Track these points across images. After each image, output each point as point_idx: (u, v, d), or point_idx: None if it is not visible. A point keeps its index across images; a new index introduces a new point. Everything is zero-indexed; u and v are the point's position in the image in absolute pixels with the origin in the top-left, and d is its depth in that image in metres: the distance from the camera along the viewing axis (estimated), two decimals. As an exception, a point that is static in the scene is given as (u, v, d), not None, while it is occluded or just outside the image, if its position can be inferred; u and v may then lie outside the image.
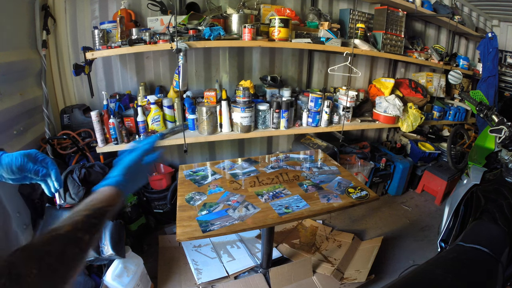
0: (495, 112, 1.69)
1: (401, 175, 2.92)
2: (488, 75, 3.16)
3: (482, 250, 1.09)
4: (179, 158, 2.72)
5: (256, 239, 2.25)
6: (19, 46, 1.87)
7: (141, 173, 0.60)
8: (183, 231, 1.27)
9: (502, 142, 1.58)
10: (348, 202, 1.52)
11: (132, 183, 0.58)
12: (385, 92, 2.81)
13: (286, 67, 2.80)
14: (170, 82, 2.46)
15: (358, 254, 2.15)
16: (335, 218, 2.61)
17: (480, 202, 1.41)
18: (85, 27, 2.17)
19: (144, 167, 0.61)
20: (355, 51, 2.42)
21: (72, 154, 2.03)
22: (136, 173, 0.58)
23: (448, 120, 3.16)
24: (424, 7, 2.86)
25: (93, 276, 1.62)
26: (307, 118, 2.48)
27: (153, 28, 2.11)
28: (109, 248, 1.53)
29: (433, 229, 2.48)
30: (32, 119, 1.97)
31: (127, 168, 0.57)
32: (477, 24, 3.52)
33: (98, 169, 1.79)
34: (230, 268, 1.95)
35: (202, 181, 1.69)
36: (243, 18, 2.17)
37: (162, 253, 2.10)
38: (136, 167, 0.59)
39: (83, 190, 1.65)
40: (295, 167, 1.89)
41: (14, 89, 1.78)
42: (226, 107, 2.19)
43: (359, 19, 2.70)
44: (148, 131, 2.14)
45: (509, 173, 1.54)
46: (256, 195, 1.54)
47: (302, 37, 2.34)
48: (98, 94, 2.22)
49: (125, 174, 0.56)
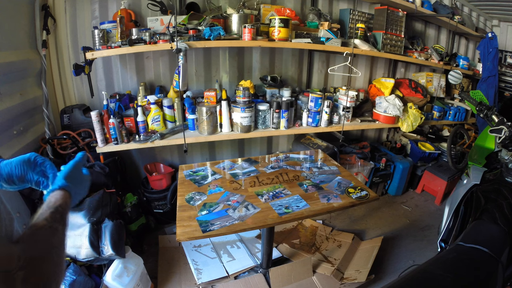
0: (495, 112, 1.69)
1: (401, 175, 2.92)
2: (488, 75, 3.16)
3: (482, 250, 1.09)
4: (179, 158, 2.72)
5: (256, 239, 2.25)
6: (19, 46, 1.87)
7: (80, 177, 0.72)
8: (183, 231, 1.27)
9: (502, 142, 1.58)
10: (348, 202, 1.52)
11: (75, 186, 0.67)
12: (385, 92, 2.81)
13: (286, 67, 2.80)
14: (170, 82, 2.46)
15: (358, 254, 2.15)
16: (335, 218, 2.61)
17: (480, 202, 1.41)
18: (85, 27, 2.17)
19: (83, 174, 0.74)
20: (355, 51, 2.42)
21: (72, 154, 2.03)
22: (76, 177, 0.69)
23: (448, 120, 3.16)
24: (424, 7, 2.86)
25: (93, 276, 1.62)
26: (307, 118, 2.48)
27: (153, 28, 2.11)
28: (109, 248, 1.53)
29: (433, 229, 2.48)
30: (32, 119, 1.97)
31: (67, 174, 0.67)
32: (477, 24, 3.52)
33: (98, 169, 1.79)
34: (230, 268, 1.95)
35: (202, 181, 1.69)
36: (243, 18, 2.17)
37: (162, 253, 2.10)
38: (74, 173, 0.69)
39: (83, 190, 1.65)
40: (295, 167, 1.89)
41: (14, 89, 1.78)
42: (226, 107, 2.19)
43: (359, 19, 2.70)
44: (148, 131, 2.14)
45: (509, 173, 1.54)
46: (256, 195, 1.54)
47: (302, 37, 2.34)
48: (98, 94, 2.23)
49: (66, 178, 0.66)
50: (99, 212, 1.61)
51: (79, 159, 0.75)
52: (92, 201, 1.63)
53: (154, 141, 2.08)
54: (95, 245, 1.53)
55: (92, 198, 1.65)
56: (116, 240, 1.56)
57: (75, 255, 1.53)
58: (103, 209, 1.63)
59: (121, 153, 2.34)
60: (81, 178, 0.72)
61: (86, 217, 1.56)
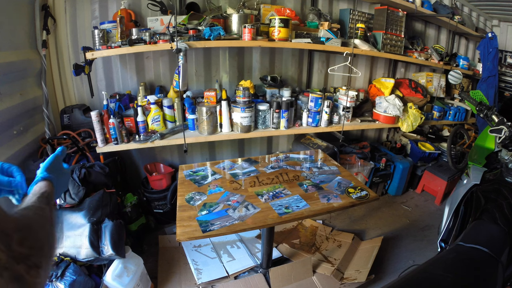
0: (495, 112, 1.69)
1: (401, 175, 2.92)
2: (488, 75, 3.16)
3: (482, 250, 1.09)
4: (179, 158, 2.72)
5: (256, 239, 2.25)
6: (19, 46, 1.87)
7: (61, 169, 0.75)
8: (183, 231, 1.27)
9: (502, 142, 1.58)
10: (348, 202, 1.52)
11: (57, 177, 0.70)
12: (385, 92, 2.81)
13: (286, 67, 2.80)
14: (170, 82, 2.46)
15: (358, 254, 2.15)
16: (335, 218, 2.61)
17: (480, 202, 1.41)
18: (85, 27, 2.17)
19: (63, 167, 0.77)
20: (355, 51, 2.42)
21: (72, 154, 2.03)
22: (57, 169, 0.73)
23: (448, 120, 3.16)
24: (424, 7, 2.86)
25: (93, 276, 1.62)
26: (307, 118, 2.48)
27: (153, 28, 2.11)
28: (109, 248, 1.53)
29: (433, 229, 2.48)
30: (32, 119, 1.97)
31: (48, 166, 0.71)
32: (477, 24, 3.52)
33: (98, 169, 1.79)
34: (230, 268, 1.95)
35: (202, 181, 1.69)
36: (243, 18, 2.16)
37: (162, 253, 2.10)
38: (55, 165, 0.73)
39: (83, 190, 1.65)
40: (295, 167, 1.89)
41: (14, 89, 1.78)
42: (226, 107, 2.19)
43: (359, 19, 2.70)
44: (148, 131, 2.14)
45: (509, 173, 1.54)
46: (256, 195, 1.54)
47: (302, 37, 2.34)
48: (98, 94, 2.22)
49: (47, 170, 0.70)
50: (99, 212, 1.61)
51: (59, 153, 0.78)
52: (92, 201, 1.63)
53: (154, 141, 2.08)
54: (95, 245, 1.53)
55: (92, 198, 1.65)
56: (116, 240, 1.56)
57: (75, 255, 1.53)
58: (103, 209, 1.63)
59: (121, 153, 2.34)
60: (62, 171, 0.75)
61: (86, 217, 1.56)
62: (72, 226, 1.56)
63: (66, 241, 1.55)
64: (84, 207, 1.60)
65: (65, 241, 1.55)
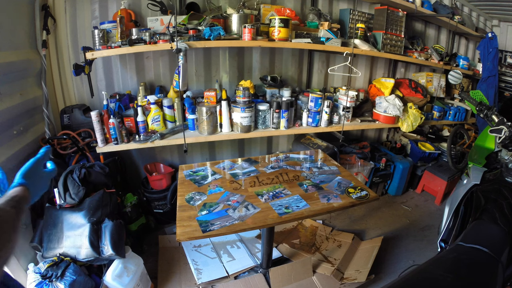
0: (495, 112, 1.69)
1: (401, 175, 2.92)
2: (488, 75, 3.16)
3: (482, 250, 1.09)
4: (179, 158, 2.72)
5: (256, 239, 2.25)
6: (19, 46, 1.87)
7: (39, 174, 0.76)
8: (183, 231, 1.27)
9: (502, 142, 1.58)
10: (348, 202, 1.52)
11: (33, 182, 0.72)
12: (385, 92, 2.81)
13: (286, 67, 2.80)
14: (170, 82, 2.46)
15: (358, 254, 2.15)
16: (335, 218, 2.61)
17: (480, 202, 1.41)
18: (85, 27, 2.17)
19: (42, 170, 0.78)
20: (355, 51, 2.42)
21: (72, 154, 2.03)
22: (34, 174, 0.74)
23: (448, 120, 3.16)
24: (424, 7, 2.86)
25: (93, 276, 1.62)
26: (307, 118, 2.48)
27: (153, 28, 2.11)
28: (109, 248, 1.53)
29: (433, 229, 2.48)
30: (32, 119, 1.97)
31: (25, 173, 0.72)
32: (477, 24, 3.52)
33: (98, 169, 1.79)
34: (230, 268, 1.95)
35: (202, 181, 1.69)
36: (243, 18, 2.16)
37: (162, 253, 2.10)
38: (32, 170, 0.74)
39: (83, 190, 1.65)
40: (295, 167, 1.89)
41: (14, 89, 1.78)
42: (226, 107, 2.19)
43: (359, 19, 2.70)
44: (148, 131, 2.14)
45: (509, 173, 1.54)
46: (256, 195, 1.55)
47: (302, 37, 2.34)
48: (98, 94, 2.22)
49: (24, 177, 0.71)
50: (99, 212, 1.61)
51: (41, 156, 0.78)
52: (92, 201, 1.63)
53: (154, 141, 2.08)
54: (95, 245, 1.53)
55: (92, 198, 1.65)
56: (116, 240, 1.56)
57: (75, 255, 1.53)
58: (103, 209, 1.63)
59: (121, 153, 2.34)
60: (40, 175, 0.76)
61: (86, 217, 1.56)
62: (72, 226, 1.56)
63: (66, 241, 1.55)
64: (84, 207, 1.60)
65: (65, 241, 1.55)
